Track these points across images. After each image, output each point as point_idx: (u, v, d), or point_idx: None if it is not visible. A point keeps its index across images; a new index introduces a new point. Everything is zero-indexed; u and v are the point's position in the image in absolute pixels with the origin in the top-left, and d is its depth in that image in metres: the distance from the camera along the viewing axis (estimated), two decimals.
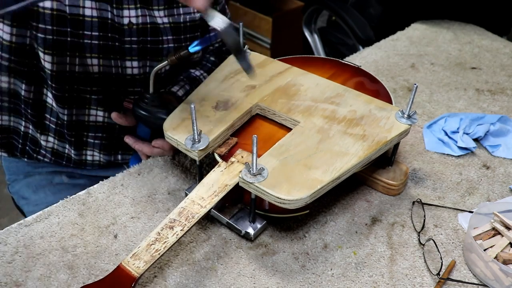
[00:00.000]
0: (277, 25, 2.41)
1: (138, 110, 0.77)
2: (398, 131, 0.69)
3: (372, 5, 1.62)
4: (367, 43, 1.37)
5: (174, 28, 0.86)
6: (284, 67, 0.82)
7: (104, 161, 0.94)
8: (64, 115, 0.86)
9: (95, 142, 0.92)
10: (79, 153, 0.92)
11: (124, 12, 0.80)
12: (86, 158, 0.93)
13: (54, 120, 0.89)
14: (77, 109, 0.87)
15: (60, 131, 0.90)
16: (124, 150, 0.94)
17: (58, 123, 0.89)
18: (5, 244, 0.67)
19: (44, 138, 0.91)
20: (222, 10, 1.00)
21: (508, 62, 1.13)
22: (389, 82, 1.05)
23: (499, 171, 0.82)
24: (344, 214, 0.73)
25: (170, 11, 0.85)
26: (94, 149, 0.93)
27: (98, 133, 0.91)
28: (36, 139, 0.92)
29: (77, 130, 0.89)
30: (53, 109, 0.88)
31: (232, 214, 0.69)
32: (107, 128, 0.91)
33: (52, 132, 0.90)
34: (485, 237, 0.67)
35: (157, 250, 0.58)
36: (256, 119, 0.75)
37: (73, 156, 0.93)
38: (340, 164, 0.64)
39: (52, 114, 0.88)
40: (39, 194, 0.96)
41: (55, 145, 0.92)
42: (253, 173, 0.61)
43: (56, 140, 0.92)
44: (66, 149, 0.92)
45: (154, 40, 0.84)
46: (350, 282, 0.64)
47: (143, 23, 0.82)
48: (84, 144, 0.92)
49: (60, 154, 0.93)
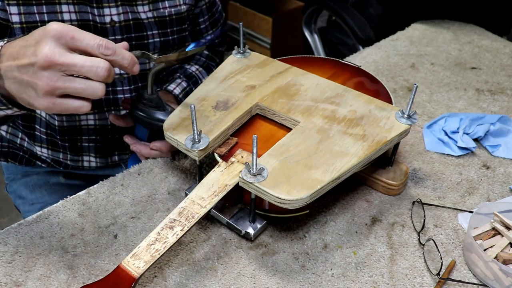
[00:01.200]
0: (277, 25, 2.41)
1: (136, 112, 0.76)
2: (398, 131, 0.69)
3: (372, 5, 1.62)
4: (367, 43, 1.37)
5: (159, 22, 0.85)
6: (284, 67, 0.82)
7: (101, 164, 0.94)
8: (55, 121, 0.86)
9: (90, 145, 0.91)
10: (75, 159, 0.92)
11: (105, 10, 0.79)
12: (83, 164, 0.93)
13: (44, 130, 0.89)
14: (67, 115, 0.86)
15: (52, 141, 0.90)
16: (120, 150, 0.94)
17: (48, 132, 0.89)
18: (5, 244, 0.67)
19: (39, 149, 0.92)
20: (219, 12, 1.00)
21: (508, 62, 1.13)
22: (389, 82, 1.05)
23: (499, 171, 0.82)
24: (344, 214, 0.73)
25: (154, 5, 0.84)
26: (89, 153, 0.92)
27: (91, 136, 0.90)
28: (31, 150, 0.93)
29: (70, 135, 0.89)
30: (42, 119, 0.87)
31: (232, 214, 0.69)
32: (100, 130, 0.90)
33: (45, 143, 0.91)
34: (485, 237, 0.67)
35: (157, 250, 0.58)
36: (256, 119, 0.75)
37: (69, 163, 0.93)
38: (340, 164, 0.64)
39: (42, 125, 0.88)
40: (35, 194, 0.96)
41: (50, 155, 0.92)
42: (253, 173, 0.61)
43: (50, 151, 0.91)
44: (60, 158, 0.92)
45: (139, 36, 0.84)
46: (350, 282, 0.64)
47: (126, 20, 0.81)
48: (79, 149, 0.91)
49: (57, 161, 0.93)
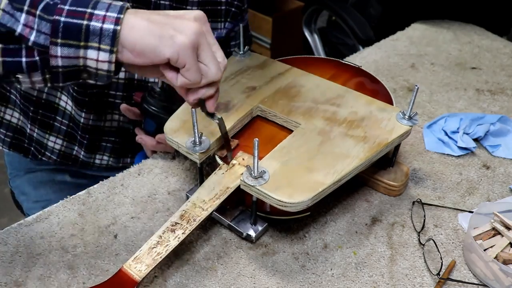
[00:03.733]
0: (277, 25, 2.41)
1: (147, 106, 0.77)
2: (399, 133, 0.69)
3: (372, 5, 1.62)
4: (367, 43, 1.36)
5: None
6: (285, 68, 0.82)
7: (112, 164, 0.94)
8: (81, 118, 0.86)
9: (108, 145, 0.92)
10: (88, 156, 0.92)
11: None
12: (94, 161, 0.93)
13: (66, 122, 0.89)
14: (96, 114, 0.87)
15: (71, 134, 0.90)
16: (134, 153, 0.94)
17: (70, 125, 0.89)
18: (5, 244, 0.67)
19: (53, 140, 0.91)
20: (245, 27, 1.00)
21: (508, 62, 1.14)
22: (389, 82, 1.05)
23: (499, 171, 0.82)
24: (344, 214, 0.73)
25: None
26: (105, 152, 0.93)
27: (111, 137, 0.91)
28: (41, 142, 0.92)
29: (91, 134, 0.89)
30: (66, 112, 0.87)
31: (234, 216, 0.69)
32: (121, 132, 0.91)
33: (62, 134, 0.90)
34: (485, 237, 0.67)
35: (159, 253, 0.58)
36: (257, 120, 0.75)
37: (81, 158, 0.92)
38: (341, 167, 0.64)
39: (65, 117, 0.88)
40: (40, 191, 0.96)
41: (63, 147, 0.92)
42: (254, 176, 0.61)
43: (65, 142, 0.91)
44: (74, 151, 0.92)
45: None
46: (350, 282, 0.64)
47: None
48: (96, 148, 0.92)
49: (67, 156, 0.93)
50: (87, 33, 0.51)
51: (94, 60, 0.52)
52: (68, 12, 0.51)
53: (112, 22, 0.51)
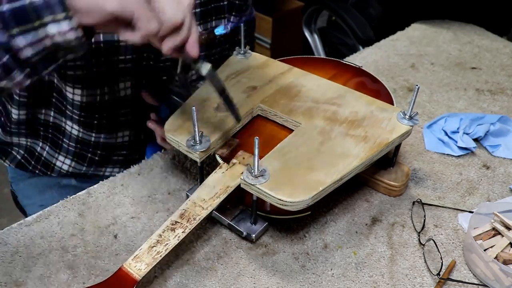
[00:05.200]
0: (277, 25, 2.41)
1: (172, 96, 0.79)
2: (400, 133, 0.69)
3: (372, 5, 1.62)
4: (367, 43, 1.37)
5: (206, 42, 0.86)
6: (285, 68, 0.82)
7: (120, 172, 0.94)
8: (92, 137, 0.86)
9: (119, 159, 0.92)
10: (98, 170, 0.92)
11: None
12: (104, 173, 0.93)
13: (73, 144, 0.88)
14: (107, 133, 0.87)
15: (80, 154, 0.90)
16: None
17: (77, 146, 0.89)
18: (5, 244, 0.67)
19: (62, 159, 0.91)
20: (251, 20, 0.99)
21: (508, 62, 1.14)
22: (389, 82, 1.05)
23: (499, 171, 0.82)
24: (344, 214, 0.73)
25: (205, 25, 0.85)
26: (115, 165, 0.93)
27: (123, 150, 0.91)
28: (48, 163, 0.92)
29: (103, 150, 0.89)
30: (72, 136, 0.87)
31: (234, 215, 0.69)
32: (133, 146, 0.91)
33: (71, 155, 0.90)
34: (485, 237, 0.67)
35: (159, 252, 0.58)
36: (257, 120, 0.75)
37: (90, 173, 0.92)
38: (341, 166, 0.64)
39: (71, 140, 0.88)
40: (45, 195, 0.94)
41: (71, 167, 0.92)
42: (254, 175, 0.61)
43: (74, 162, 0.91)
44: (84, 168, 0.92)
45: None
46: (350, 282, 0.64)
47: None
48: (106, 162, 0.92)
49: (76, 173, 0.93)
50: (36, 10, 0.49)
51: (58, 34, 0.51)
52: (7, 1, 0.49)
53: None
